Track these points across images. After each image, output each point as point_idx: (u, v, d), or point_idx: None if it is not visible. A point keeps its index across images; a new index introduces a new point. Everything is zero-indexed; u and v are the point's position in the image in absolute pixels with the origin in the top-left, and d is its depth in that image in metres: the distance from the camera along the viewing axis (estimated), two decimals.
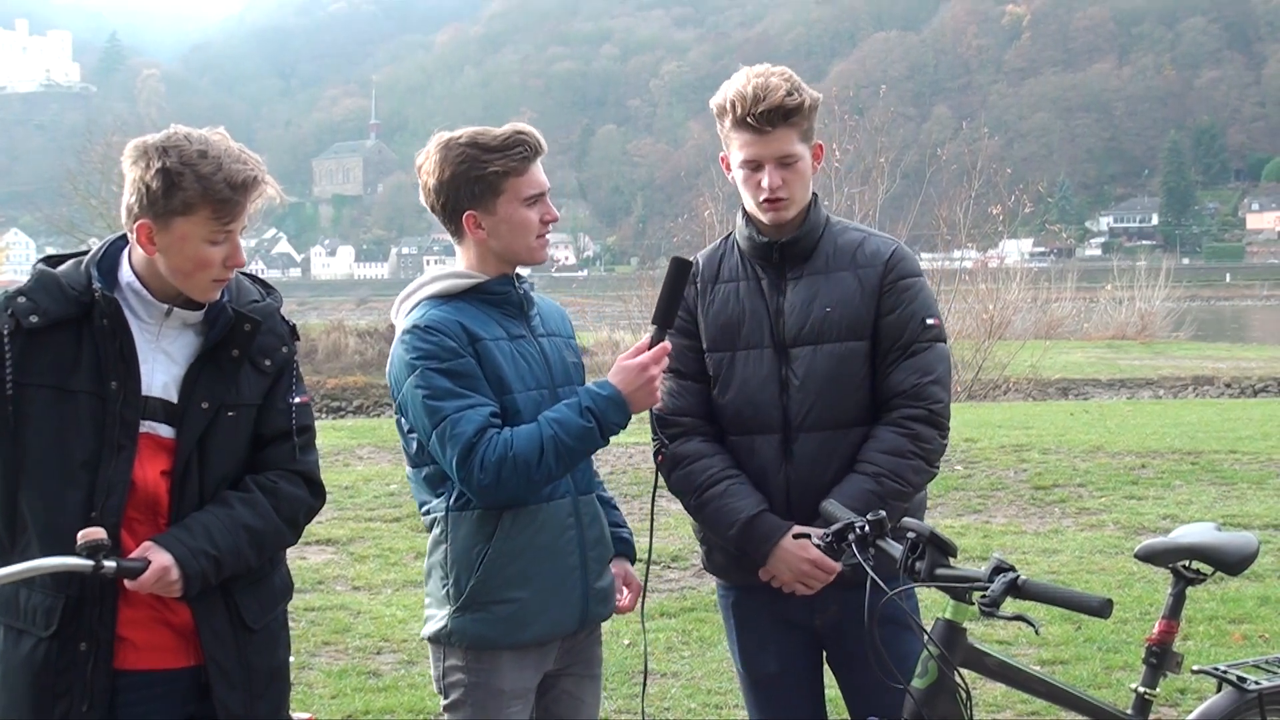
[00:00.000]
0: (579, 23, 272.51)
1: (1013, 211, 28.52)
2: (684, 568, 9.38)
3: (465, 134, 3.78)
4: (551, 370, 3.83)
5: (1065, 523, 10.85)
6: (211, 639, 3.32)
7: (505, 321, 3.82)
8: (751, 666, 4.17)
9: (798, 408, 3.95)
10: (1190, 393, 25.81)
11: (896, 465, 3.86)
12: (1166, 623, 4.01)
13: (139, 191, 3.19)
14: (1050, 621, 7.49)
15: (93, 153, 55.67)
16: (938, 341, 3.96)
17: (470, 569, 3.74)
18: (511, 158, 3.74)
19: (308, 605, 8.24)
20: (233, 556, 3.28)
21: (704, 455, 4.06)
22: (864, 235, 4.07)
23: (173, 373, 3.30)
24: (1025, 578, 3.23)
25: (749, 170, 3.94)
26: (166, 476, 3.27)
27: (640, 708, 6.60)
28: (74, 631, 3.18)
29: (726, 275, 4.12)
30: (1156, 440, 15.10)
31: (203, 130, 3.25)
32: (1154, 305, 37.92)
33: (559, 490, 3.78)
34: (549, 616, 3.77)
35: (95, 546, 3.01)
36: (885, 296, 3.94)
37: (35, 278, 3.25)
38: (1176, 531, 4.18)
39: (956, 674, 3.36)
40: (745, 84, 3.89)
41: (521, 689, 3.79)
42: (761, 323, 4.02)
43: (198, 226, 3.19)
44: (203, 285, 3.28)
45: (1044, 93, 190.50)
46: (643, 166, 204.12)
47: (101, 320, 3.20)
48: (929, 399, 3.89)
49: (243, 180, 3.20)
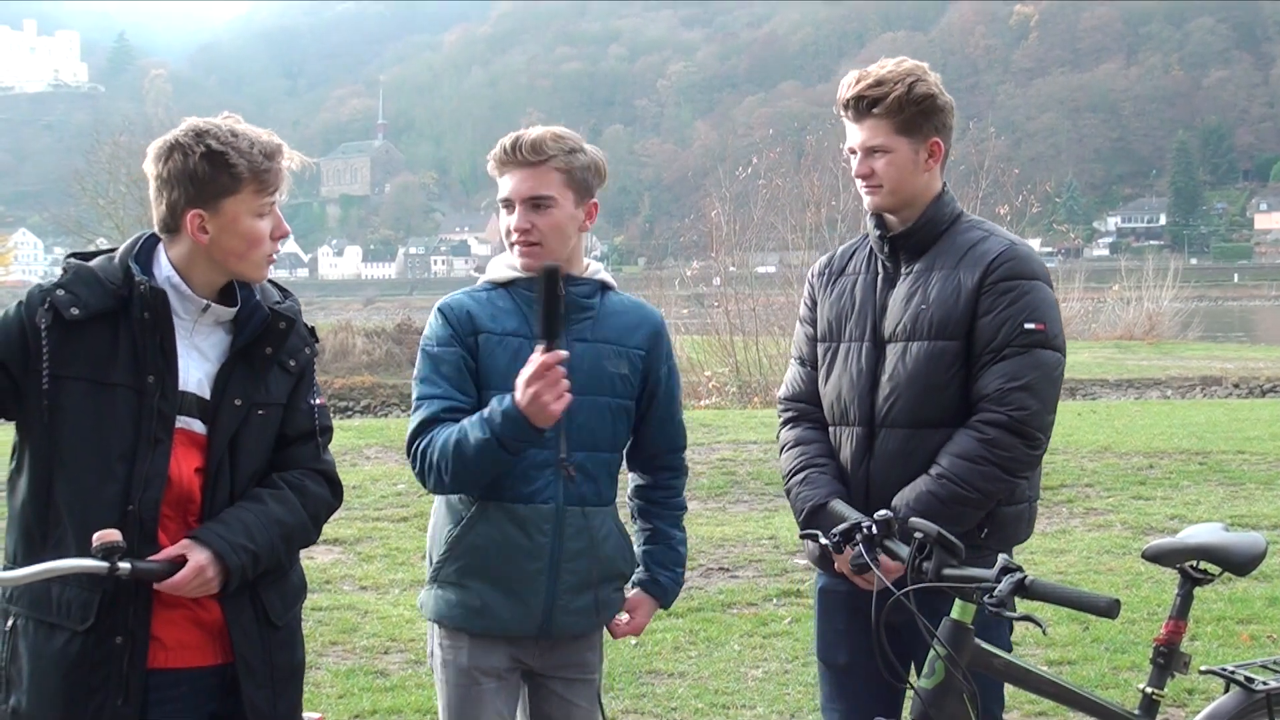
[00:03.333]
0: (586, 23, 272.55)
1: (1020, 211, 28.53)
2: (692, 568, 9.37)
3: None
4: (572, 377, 3.74)
5: (1073, 523, 10.85)
6: (241, 637, 3.33)
7: (536, 319, 3.81)
8: (825, 654, 4.21)
9: (883, 403, 3.95)
10: (1198, 393, 25.77)
11: (964, 469, 3.79)
12: (1174, 623, 4.00)
13: (182, 183, 3.22)
14: (1058, 622, 7.48)
15: (100, 153, 55.75)
16: (1038, 348, 3.84)
17: (440, 546, 3.88)
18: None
19: (315, 605, 8.24)
20: (269, 552, 3.30)
21: (801, 442, 4.13)
22: (984, 235, 4.02)
23: (205, 369, 3.32)
24: (1033, 578, 3.23)
25: (852, 156, 4.04)
26: (200, 474, 3.29)
27: (647, 708, 6.62)
28: (110, 626, 3.17)
29: (851, 269, 4.18)
30: (1164, 440, 15.09)
31: (215, 118, 3.30)
32: (1162, 305, 37.86)
33: (542, 494, 3.77)
34: (504, 614, 3.79)
35: (110, 548, 3.00)
36: (984, 297, 3.88)
37: (72, 271, 3.25)
38: (1184, 532, 4.18)
39: (963, 674, 3.36)
40: (853, 74, 3.98)
41: (490, 669, 3.83)
42: (866, 316, 4.05)
43: (245, 203, 3.24)
44: (257, 262, 3.33)
45: (1052, 93, 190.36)
46: (650, 167, 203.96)
47: (142, 313, 3.21)
48: (1013, 405, 3.79)
49: (274, 148, 3.29)
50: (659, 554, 4.11)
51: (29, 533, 3.23)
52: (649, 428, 4.05)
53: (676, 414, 4.12)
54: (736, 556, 9.74)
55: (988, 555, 3.40)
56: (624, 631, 4.11)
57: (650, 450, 4.10)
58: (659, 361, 4.02)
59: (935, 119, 3.98)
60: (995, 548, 3.81)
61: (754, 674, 7.13)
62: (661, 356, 4.04)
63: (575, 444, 3.82)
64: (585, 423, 3.83)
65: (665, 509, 4.14)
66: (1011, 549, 3.98)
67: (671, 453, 4.13)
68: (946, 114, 4.02)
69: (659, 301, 27.52)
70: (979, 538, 3.84)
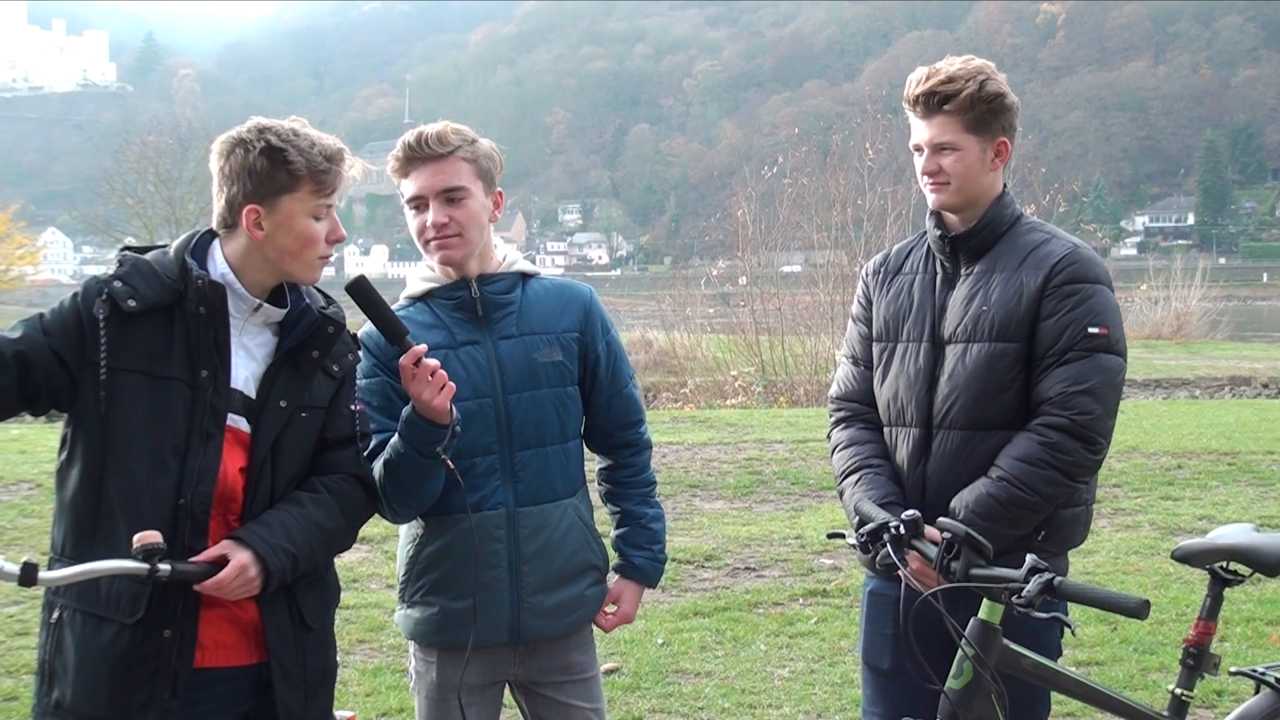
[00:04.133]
0: (612, 22, 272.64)
1: (1048, 211, 28.37)
2: (718, 567, 9.37)
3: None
4: (504, 377, 3.79)
5: (1101, 523, 10.79)
6: (276, 637, 3.34)
7: (458, 326, 3.82)
8: (869, 656, 4.17)
9: (941, 404, 3.93)
10: (1227, 393, 25.62)
11: (1025, 472, 3.76)
12: (1204, 624, 3.98)
13: (242, 178, 3.24)
14: (1086, 622, 7.46)
15: (129, 152, 56.13)
16: (1101, 352, 3.81)
17: (403, 567, 3.92)
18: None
19: (342, 604, 8.20)
20: (308, 555, 3.32)
21: (855, 443, 4.11)
22: (1047, 237, 3.99)
23: (252, 369, 3.33)
24: (1061, 578, 3.22)
25: (916, 154, 4.01)
26: (243, 473, 3.30)
27: (674, 707, 6.61)
28: (159, 619, 3.18)
29: (908, 268, 4.15)
30: (1193, 441, 15.02)
31: (281, 119, 3.33)
32: (1190, 305, 37.62)
33: (491, 500, 3.77)
34: (471, 625, 3.75)
35: (151, 550, 3.02)
36: (1047, 300, 3.84)
37: (130, 264, 3.26)
38: (1214, 532, 4.16)
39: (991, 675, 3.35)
40: (922, 70, 3.96)
41: (461, 684, 3.80)
42: (924, 317, 4.03)
43: (302, 202, 3.27)
44: (310, 263, 3.35)
45: (1079, 92, 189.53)
46: (676, 166, 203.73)
47: (197, 308, 3.23)
48: (1075, 409, 3.76)
49: (335, 151, 3.31)
50: (631, 535, 4.09)
51: (79, 524, 3.24)
52: (597, 407, 4.01)
53: (624, 387, 4.05)
54: (762, 556, 9.72)
55: (1046, 559, 3.36)
56: (614, 623, 4.08)
57: (604, 429, 4.05)
58: (594, 339, 3.97)
59: (1004, 118, 3.97)
60: (1052, 550, 3.80)
61: (780, 673, 7.13)
62: (597, 333, 3.98)
63: (519, 442, 3.80)
64: (526, 419, 3.81)
65: (631, 488, 4.11)
66: (1066, 552, 3.96)
67: (626, 429, 4.08)
68: (1013, 114, 4.01)
69: (684, 301, 27.57)
70: (1036, 540, 3.82)
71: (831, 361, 21.19)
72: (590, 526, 3.98)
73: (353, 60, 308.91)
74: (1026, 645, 3.53)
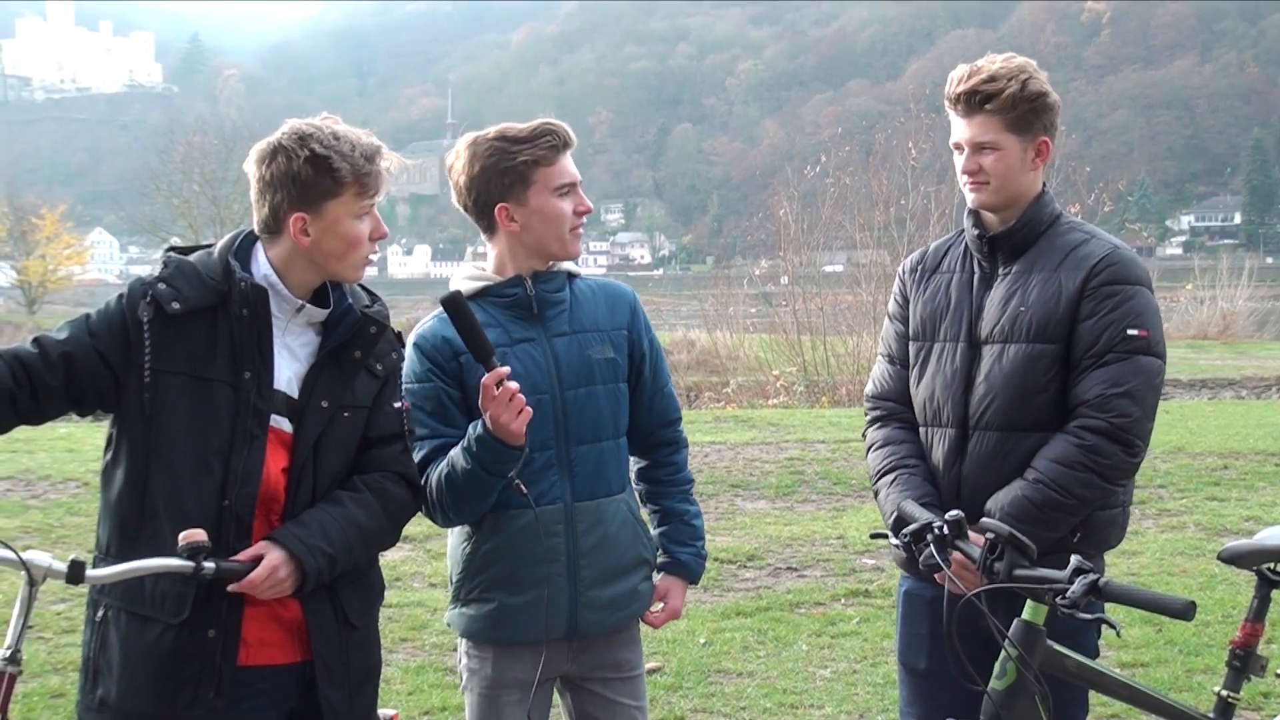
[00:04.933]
0: (655, 21, 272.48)
1: (1092, 210, 28.19)
2: (760, 567, 9.36)
3: (492, 130, 3.82)
4: (560, 373, 3.80)
5: (1146, 524, 10.73)
6: (319, 636, 3.37)
7: (512, 324, 3.83)
8: (906, 657, 4.17)
9: (978, 405, 3.91)
10: (1274, 393, 25.38)
11: (1061, 475, 3.73)
12: (1250, 626, 3.95)
13: (286, 185, 3.25)
14: (1131, 624, 7.42)
15: (175, 152, 56.58)
16: (1141, 354, 3.78)
17: (458, 565, 3.91)
18: (539, 147, 3.76)
19: (386, 602, 8.24)
20: (346, 555, 3.33)
21: (891, 442, 4.10)
22: (1086, 237, 3.96)
23: (295, 369, 3.35)
24: (1106, 579, 3.20)
25: (956, 152, 3.99)
26: (285, 473, 3.32)
27: (716, 707, 6.61)
28: (204, 618, 3.21)
29: (946, 267, 4.14)
30: (1239, 441, 14.90)
31: (315, 119, 3.33)
32: (1237, 305, 37.29)
33: (549, 495, 3.77)
34: (530, 620, 3.78)
35: (196, 548, 3.04)
36: (1086, 301, 3.82)
37: (174, 266, 3.28)
38: (1261, 533, 4.12)
39: (1036, 676, 3.34)
40: (963, 68, 3.94)
41: (514, 681, 3.84)
42: (962, 316, 4.01)
43: (346, 205, 3.28)
44: (356, 263, 3.37)
45: (1124, 90, 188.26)
46: (718, 165, 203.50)
47: (241, 310, 3.25)
48: (1114, 411, 3.73)
49: (374, 150, 3.32)
50: (674, 532, 4.11)
51: (124, 525, 3.27)
52: (641, 405, 4.03)
53: (665, 385, 4.09)
54: (804, 556, 9.71)
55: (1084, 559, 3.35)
56: (662, 619, 4.10)
57: (646, 427, 4.07)
58: (640, 336, 4.01)
59: (1045, 117, 3.94)
60: (1088, 552, 3.77)
61: (822, 674, 7.12)
62: (641, 330, 4.02)
63: (576, 438, 3.81)
64: (582, 415, 3.83)
65: (671, 486, 4.13)
66: (1102, 553, 3.94)
67: (666, 426, 4.11)
68: (1055, 113, 3.98)
69: (727, 300, 27.54)
70: (1072, 541, 3.80)
71: (874, 361, 21.13)
72: (641, 521, 4.01)
73: (396, 60, 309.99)
74: (1063, 646, 3.51)
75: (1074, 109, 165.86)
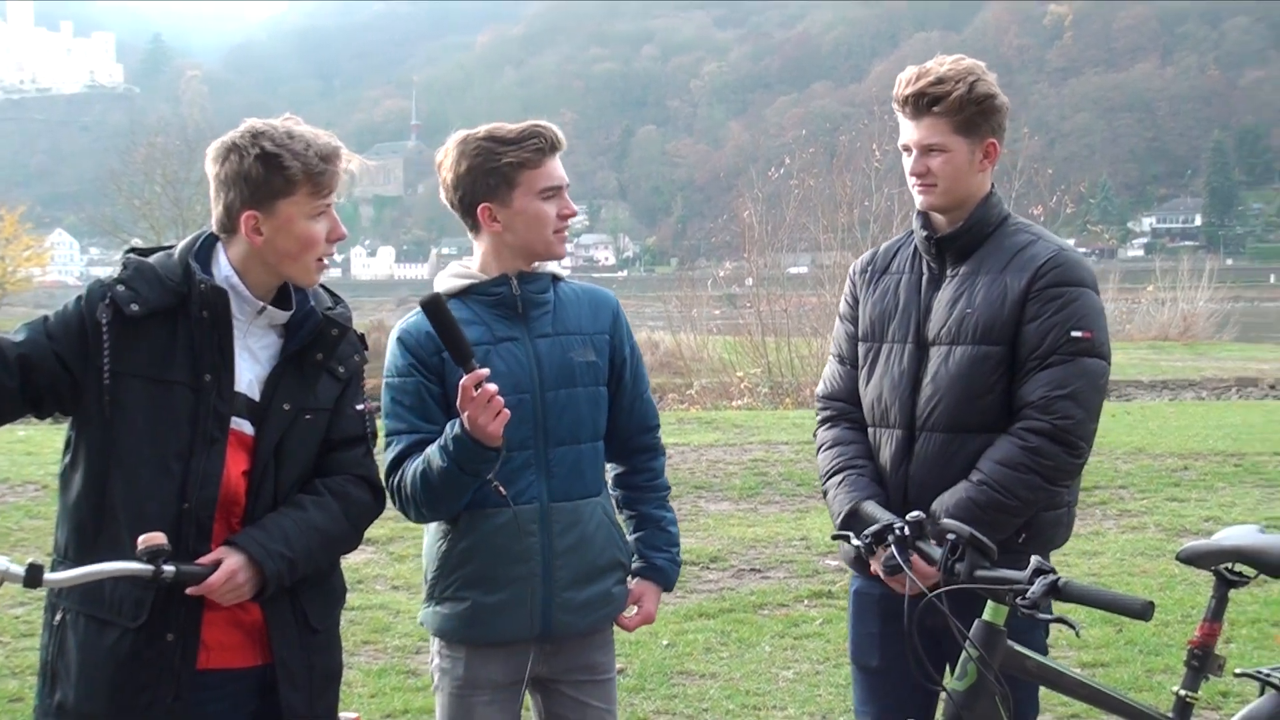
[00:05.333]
0: (620, 23, 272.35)
1: (1054, 212, 28.34)
2: (723, 568, 9.37)
3: (482, 129, 3.83)
4: (542, 374, 3.81)
5: (1106, 525, 10.79)
6: (280, 639, 3.34)
7: (496, 323, 3.83)
8: (857, 656, 4.21)
9: (925, 406, 3.92)
10: (1234, 394, 25.57)
11: (1005, 477, 3.76)
12: (1209, 625, 3.98)
13: (238, 184, 3.23)
14: (1091, 624, 7.45)
15: (136, 154, 56.19)
16: (1085, 356, 3.80)
17: (433, 563, 3.90)
18: (526, 149, 3.76)
19: (348, 605, 8.18)
20: (306, 559, 3.31)
21: (840, 442, 4.11)
22: (1033, 239, 3.97)
23: (256, 371, 3.33)
24: (1066, 579, 3.22)
25: (905, 154, 4.00)
26: (245, 476, 3.30)
27: (678, 708, 6.61)
28: (163, 623, 3.18)
29: (895, 268, 4.15)
30: (1199, 442, 15.00)
31: (274, 119, 3.31)
32: (1197, 306, 37.56)
33: (526, 495, 3.77)
34: (504, 620, 3.78)
35: (155, 551, 3.02)
36: (1031, 303, 3.83)
37: (133, 267, 3.25)
38: (1219, 534, 4.16)
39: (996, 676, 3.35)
40: (911, 70, 3.95)
41: (486, 681, 3.84)
42: (910, 318, 4.02)
43: (300, 205, 3.26)
44: (308, 266, 3.34)
45: (1086, 93, 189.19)
46: (683, 167, 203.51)
47: (201, 312, 3.23)
48: (1057, 413, 3.75)
49: (331, 150, 3.29)
50: (650, 538, 4.11)
51: (82, 528, 3.24)
52: (621, 410, 4.03)
53: (644, 392, 4.11)
54: (768, 557, 9.72)
55: (1025, 560, 3.37)
56: (635, 623, 4.10)
57: (625, 433, 4.07)
58: (622, 342, 4.02)
59: (993, 119, 3.96)
60: (1033, 552, 3.79)
61: (785, 675, 7.13)
62: (623, 336, 4.03)
63: (555, 439, 3.82)
64: (562, 417, 3.83)
65: (649, 492, 4.13)
66: (1049, 554, 3.96)
67: (644, 433, 4.11)
68: (1003, 115, 4.00)
69: (691, 302, 27.56)
70: (1017, 542, 3.82)
71: None
72: (617, 524, 4.02)
73: (359, 61, 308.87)
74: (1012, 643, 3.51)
75: (1036, 111, 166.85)
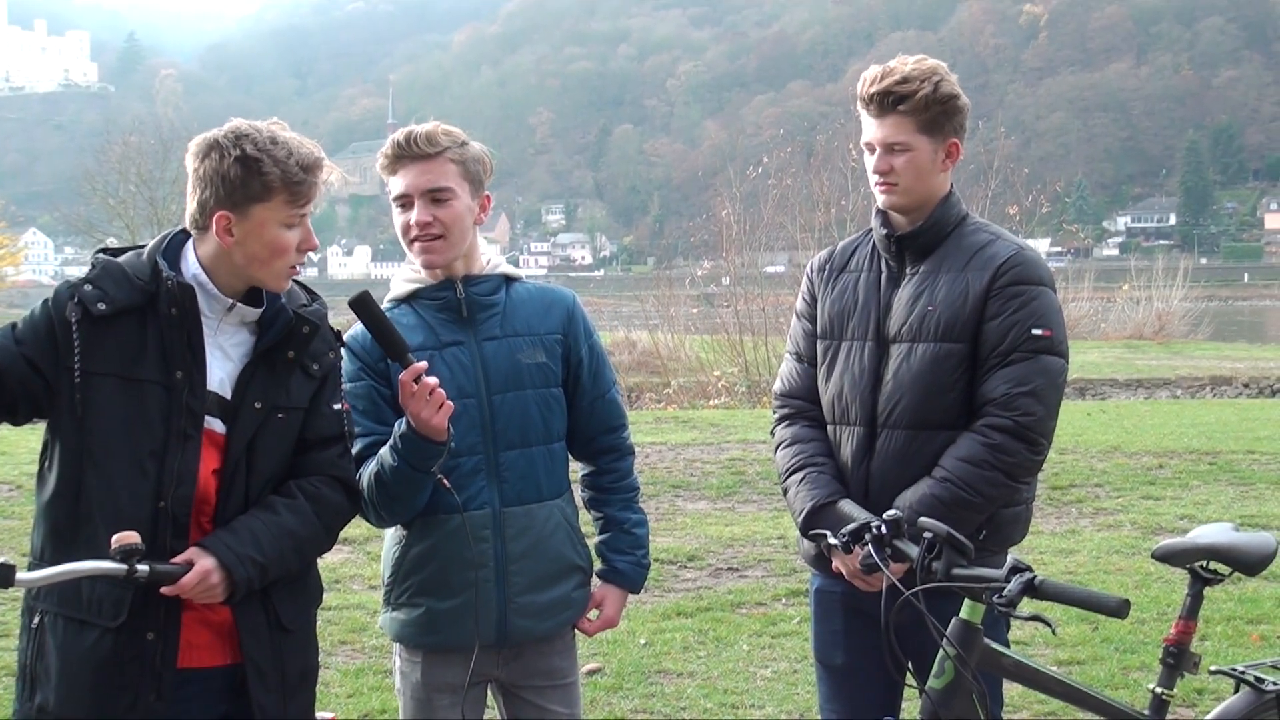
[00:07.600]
0: (596, 22, 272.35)
1: (1030, 211, 28.47)
2: (701, 567, 9.37)
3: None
4: (488, 377, 3.79)
5: (1082, 523, 10.83)
6: (250, 639, 3.31)
7: (442, 327, 3.82)
8: (821, 655, 4.21)
9: (886, 404, 3.93)
10: (1208, 393, 25.71)
11: (968, 473, 3.78)
12: (1184, 623, 4.00)
13: (214, 183, 3.21)
14: (1067, 622, 7.48)
15: (111, 152, 55.89)
16: (1045, 354, 3.84)
17: (389, 568, 3.91)
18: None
19: (324, 604, 8.16)
20: (278, 563, 3.28)
21: (799, 440, 4.11)
22: (992, 238, 3.99)
23: (227, 369, 3.31)
24: (1042, 578, 3.23)
25: (868, 152, 4.00)
26: (216, 475, 3.28)
27: (656, 707, 6.61)
28: (142, 622, 3.16)
29: (854, 266, 4.15)
30: (1174, 440, 15.07)
31: (260, 122, 3.29)
32: (1171, 305, 37.68)
33: (477, 500, 3.75)
34: (459, 625, 3.77)
35: (129, 550, 3.00)
36: (992, 301, 3.86)
37: (101, 267, 3.24)
38: (1194, 532, 4.17)
39: (973, 674, 3.36)
40: (875, 69, 3.95)
41: (445, 685, 3.84)
42: (869, 315, 4.02)
43: (275, 211, 3.24)
44: (279, 272, 3.31)
45: (1061, 92, 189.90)
46: (659, 166, 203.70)
47: (170, 309, 3.21)
48: (1019, 410, 3.78)
49: (313, 161, 3.26)
50: (613, 540, 4.09)
51: (58, 528, 3.22)
52: (580, 411, 3.99)
53: (606, 392, 4.05)
54: (745, 556, 9.73)
55: (985, 556, 3.39)
56: (595, 628, 4.07)
57: (587, 434, 4.04)
58: (577, 342, 3.98)
59: (956, 119, 3.97)
60: (993, 549, 3.81)
61: (763, 674, 7.13)
62: (580, 336, 3.98)
63: (504, 443, 3.80)
64: (510, 420, 3.81)
65: (614, 493, 4.10)
66: (1007, 550, 3.97)
67: (609, 433, 4.07)
68: (965, 115, 4.01)
69: (668, 301, 27.56)
70: (977, 539, 3.83)
71: None
72: (576, 529, 3.98)
73: (336, 60, 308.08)
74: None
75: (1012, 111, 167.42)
